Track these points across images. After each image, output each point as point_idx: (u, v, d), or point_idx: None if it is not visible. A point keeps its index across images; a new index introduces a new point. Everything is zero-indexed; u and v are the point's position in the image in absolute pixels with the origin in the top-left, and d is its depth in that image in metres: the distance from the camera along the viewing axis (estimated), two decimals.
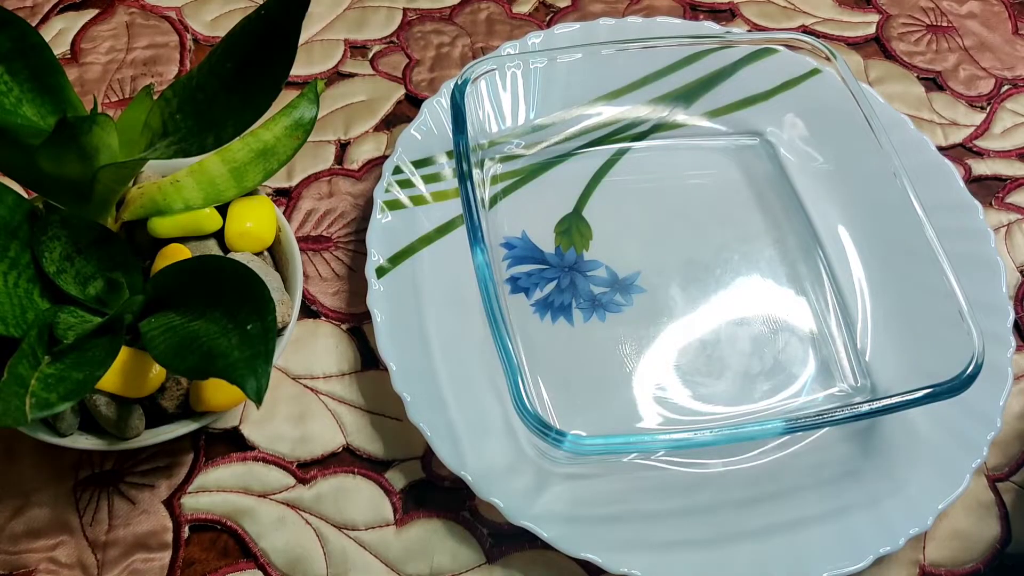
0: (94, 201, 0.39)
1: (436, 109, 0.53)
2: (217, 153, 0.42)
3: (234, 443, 0.45)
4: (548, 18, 0.63)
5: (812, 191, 0.53)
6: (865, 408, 0.40)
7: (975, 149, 0.59)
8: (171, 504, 0.43)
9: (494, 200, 0.52)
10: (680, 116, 0.56)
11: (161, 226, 0.42)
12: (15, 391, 0.32)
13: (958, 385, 0.40)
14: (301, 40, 0.58)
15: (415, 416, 0.43)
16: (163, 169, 0.45)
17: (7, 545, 0.42)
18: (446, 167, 0.52)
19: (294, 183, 0.54)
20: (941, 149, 0.57)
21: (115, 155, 0.37)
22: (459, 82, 0.47)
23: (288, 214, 0.52)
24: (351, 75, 0.59)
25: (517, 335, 0.47)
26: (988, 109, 0.61)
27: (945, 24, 0.66)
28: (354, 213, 0.53)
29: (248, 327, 0.34)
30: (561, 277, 0.50)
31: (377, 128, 0.56)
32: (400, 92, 0.58)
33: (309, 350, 0.48)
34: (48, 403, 0.32)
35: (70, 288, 0.38)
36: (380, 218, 0.49)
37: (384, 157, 0.55)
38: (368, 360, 0.48)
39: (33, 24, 0.55)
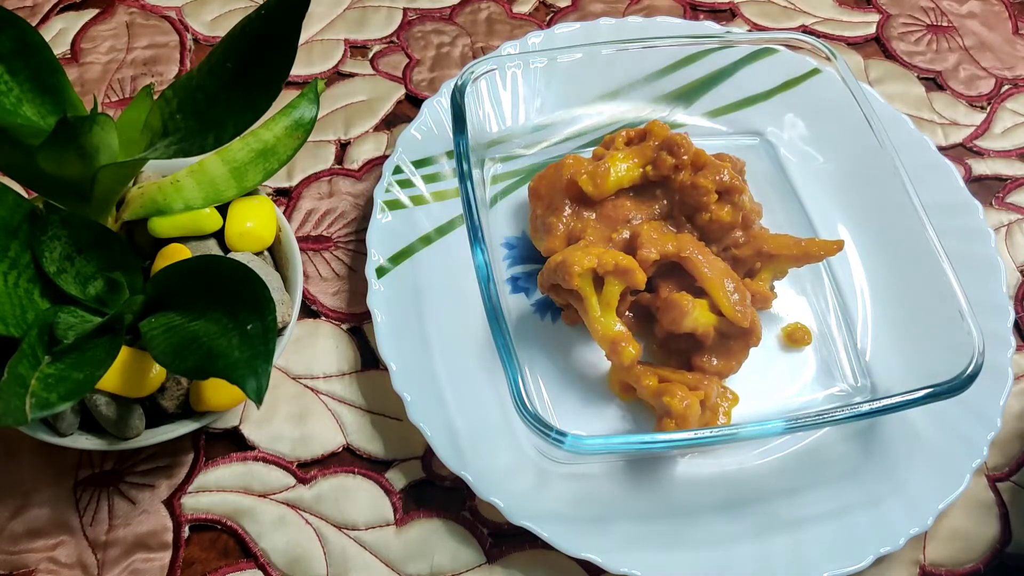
0: (94, 201, 0.39)
1: (436, 109, 0.53)
2: (217, 153, 0.42)
3: (234, 443, 0.45)
4: (548, 18, 0.63)
5: (812, 191, 0.53)
6: (865, 408, 0.40)
7: (975, 149, 0.59)
8: (171, 504, 0.43)
9: (494, 200, 0.52)
10: (680, 116, 0.56)
11: (161, 226, 0.42)
12: (15, 391, 0.32)
13: (958, 385, 0.40)
14: (301, 40, 0.58)
15: (415, 416, 0.43)
16: (163, 169, 0.45)
17: (7, 545, 0.42)
18: (446, 167, 0.52)
19: (294, 183, 0.54)
20: (941, 149, 0.57)
21: (115, 155, 0.37)
22: (459, 82, 0.47)
23: (288, 214, 0.52)
24: (351, 75, 0.59)
25: (517, 335, 0.47)
26: (988, 109, 0.61)
27: (945, 24, 0.66)
28: (354, 213, 0.53)
29: (248, 327, 0.34)
30: None
31: (377, 128, 0.57)
32: (400, 92, 0.58)
33: (309, 350, 0.48)
34: (48, 403, 0.32)
35: (70, 288, 0.38)
36: (380, 218, 0.49)
37: (384, 157, 0.55)
38: (368, 360, 0.48)
39: (33, 24, 0.55)
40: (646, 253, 0.44)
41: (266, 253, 0.45)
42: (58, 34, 0.59)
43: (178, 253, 0.41)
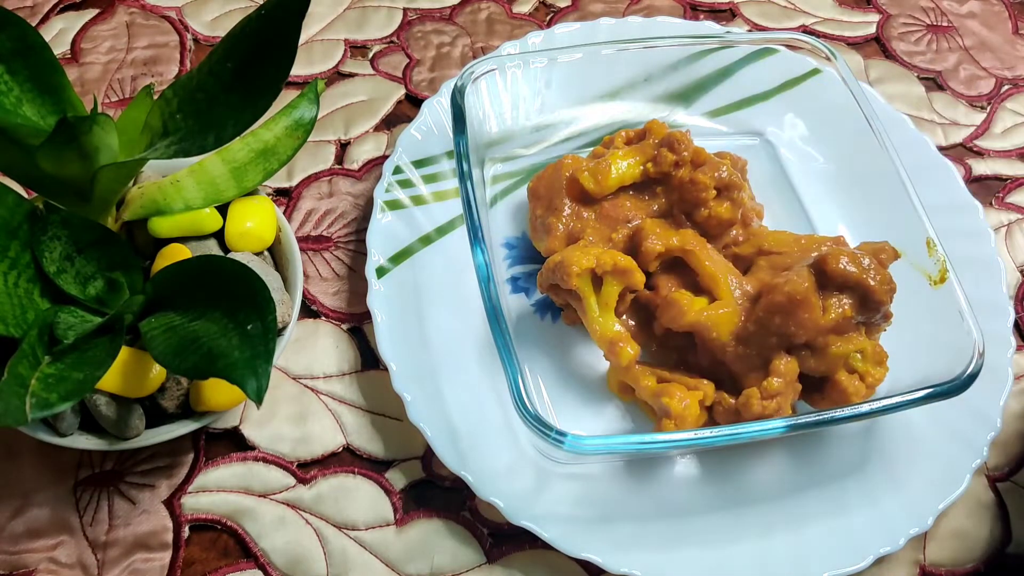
0: (94, 201, 0.39)
1: (436, 109, 0.53)
2: (217, 153, 0.42)
3: (234, 443, 0.45)
4: (548, 18, 0.63)
5: (812, 191, 0.53)
6: (865, 408, 0.40)
7: (975, 149, 0.59)
8: (171, 504, 0.43)
9: (494, 200, 0.52)
10: (680, 116, 0.56)
11: (161, 226, 0.42)
12: (15, 391, 0.32)
13: (958, 385, 0.40)
14: (301, 40, 0.58)
15: (415, 416, 0.43)
16: (163, 169, 0.45)
17: (7, 545, 0.42)
18: (446, 167, 0.52)
19: (294, 183, 0.54)
20: (941, 149, 0.57)
21: (115, 155, 0.37)
22: (459, 82, 0.47)
23: (288, 214, 0.52)
24: (351, 75, 0.59)
25: (517, 335, 0.47)
26: (988, 109, 0.61)
27: (945, 24, 0.66)
28: (354, 213, 0.53)
29: (248, 327, 0.34)
30: None
31: (377, 128, 0.57)
32: (400, 92, 0.58)
33: (309, 350, 0.48)
34: (48, 403, 0.32)
35: (70, 288, 0.38)
36: (380, 218, 0.49)
37: (384, 157, 0.55)
38: (368, 360, 0.48)
39: (33, 24, 0.55)
40: (651, 244, 0.44)
41: (266, 253, 0.45)
42: (58, 34, 0.59)
43: (178, 253, 0.41)
